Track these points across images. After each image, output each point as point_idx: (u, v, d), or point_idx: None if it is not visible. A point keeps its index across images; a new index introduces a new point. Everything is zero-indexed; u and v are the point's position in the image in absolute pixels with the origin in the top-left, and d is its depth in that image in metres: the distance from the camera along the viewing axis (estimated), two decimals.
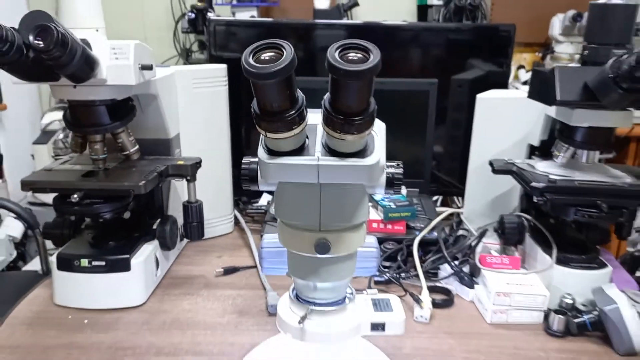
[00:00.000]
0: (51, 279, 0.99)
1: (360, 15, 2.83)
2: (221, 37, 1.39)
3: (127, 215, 0.99)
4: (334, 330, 0.63)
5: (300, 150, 0.53)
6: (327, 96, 0.49)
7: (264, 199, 1.37)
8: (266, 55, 0.47)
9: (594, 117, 0.93)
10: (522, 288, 0.95)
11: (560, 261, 0.97)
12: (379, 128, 0.57)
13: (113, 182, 0.93)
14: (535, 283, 0.96)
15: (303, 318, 0.62)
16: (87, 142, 0.98)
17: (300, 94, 0.50)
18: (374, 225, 1.17)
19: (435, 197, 1.49)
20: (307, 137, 0.54)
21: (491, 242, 1.13)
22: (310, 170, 0.53)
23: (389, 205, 1.18)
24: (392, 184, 0.59)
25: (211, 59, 1.36)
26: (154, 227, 1.05)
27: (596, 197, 0.93)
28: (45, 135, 2.32)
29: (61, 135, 2.39)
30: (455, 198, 1.52)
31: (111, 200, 0.94)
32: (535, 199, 0.99)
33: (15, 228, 2.30)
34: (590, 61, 0.94)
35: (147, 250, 1.00)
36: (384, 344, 0.84)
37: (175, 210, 1.13)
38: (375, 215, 1.20)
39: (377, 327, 0.66)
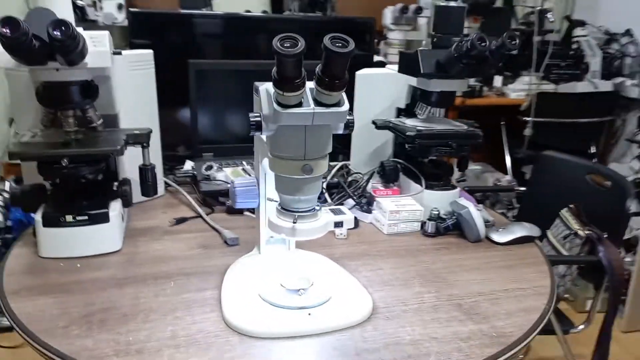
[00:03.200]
0: (31, 237, 1.15)
1: (220, 4, 3.07)
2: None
3: (100, 176, 1.19)
4: (314, 227, 0.94)
5: (300, 104, 0.83)
6: (319, 68, 0.80)
7: (188, 165, 1.60)
8: (286, 43, 0.76)
9: (444, 84, 1.36)
10: (406, 207, 1.34)
11: (427, 187, 1.39)
12: None
13: (94, 148, 1.13)
14: (413, 203, 1.37)
15: (295, 220, 0.92)
16: (56, 118, 1.15)
17: (303, 69, 0.80)
18: None
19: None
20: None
21: (375, 182, 1.52)
22: (308, 116, 0.83)
23: None
24: (348, 126, 0.92)
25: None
26: (114, 188, 1.25)
27: (448, 139, 1.35)
28: None
29: None
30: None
31: (90, 164, 1.13)
32: (407, 146, 1.40)
33: None
34: (438, 45, 1.35)
35: (117, 206, 1.20)
36: (322, 251, 1.18)
37: (124, 174, 1.33)
38: None
39: (338, 224, 0.98)
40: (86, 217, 1.14)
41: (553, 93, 3.20)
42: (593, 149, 3.41)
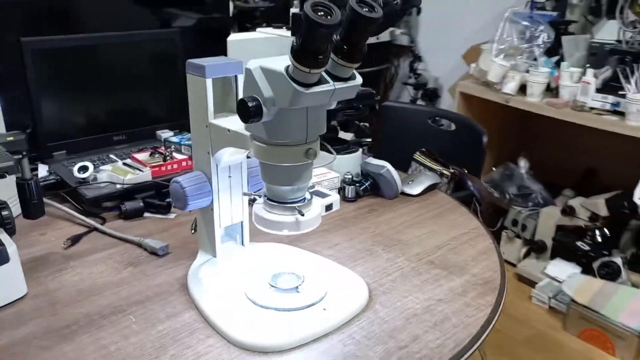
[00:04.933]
0: None
1: None
2: None
3: None
4: (315, 214, 0.84)
5: (319, 82, 0.72)
6: (337, 35, 0.70)
7: (42, 170, 1.28)
8: (320, 12, 0.65)
9: None
10: (322, 177, 1.30)
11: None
12: None
13: None
14: (327, 172, 1.33)
15: (300, 212, 0.81)
16: None
17: None
18: (183, 163, 1.31)
19: None
20: None
21: None
22: (328, 94, 0.73)
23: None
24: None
25: None
26: None
27: (352, 101, 1.34)
28: None
29: None
30: None
31: None
32: None
33: None
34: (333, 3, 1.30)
35: (7, 238, 0.91)
36: (271, 239, 1.08)
37: None
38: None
39: (328, 207, 0.90)
40: None
41: None
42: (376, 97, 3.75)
